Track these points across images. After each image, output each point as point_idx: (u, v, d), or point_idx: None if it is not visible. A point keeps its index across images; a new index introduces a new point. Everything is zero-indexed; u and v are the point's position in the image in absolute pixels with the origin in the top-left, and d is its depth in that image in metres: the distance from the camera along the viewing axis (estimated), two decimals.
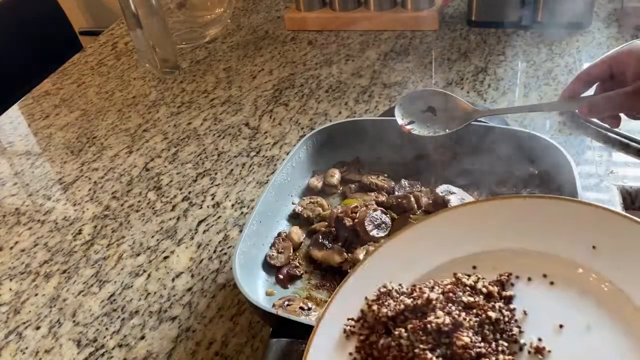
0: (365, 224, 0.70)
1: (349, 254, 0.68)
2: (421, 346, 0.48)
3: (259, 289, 0.67)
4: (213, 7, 1.38)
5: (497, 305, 0.50)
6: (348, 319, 0.54)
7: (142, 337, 0.68)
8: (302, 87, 1.13)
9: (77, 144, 1.07)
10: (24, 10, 1.60)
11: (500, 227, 0.54)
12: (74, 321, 0.72)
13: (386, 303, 0.54)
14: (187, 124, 1.07)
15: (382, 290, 0.55)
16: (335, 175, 0.81)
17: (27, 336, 0.71)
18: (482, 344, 0.48)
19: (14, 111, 1.21)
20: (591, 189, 0.78)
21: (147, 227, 0.84)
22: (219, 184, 0.91)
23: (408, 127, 0.78)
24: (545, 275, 0.51)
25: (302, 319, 0.61)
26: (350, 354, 0.52)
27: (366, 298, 0.55)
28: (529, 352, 0.47)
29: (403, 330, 0.51)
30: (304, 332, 0.52)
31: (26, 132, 1.14)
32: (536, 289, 0.51)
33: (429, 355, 0.48)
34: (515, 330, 0.48)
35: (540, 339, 0.47)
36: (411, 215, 0.71)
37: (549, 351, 0.47)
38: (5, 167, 1.04)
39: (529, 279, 0.52)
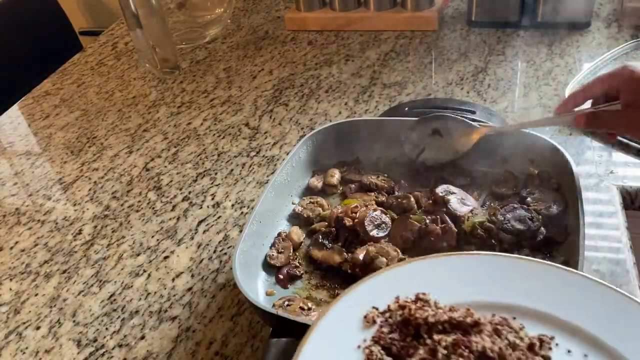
0: (365, 224, 0.70)
1: (349, 254, 0.68)
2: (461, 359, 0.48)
3: (259, 289, 0.67)
4: (213, 7, 1.38)
5: (538, 358, 0.50)
6: (373, 307, 0.55)
7: (142, 337, 0.68)
8: (302, 87, 1.13)
9: (77, 144, 1.07)
10: (24, 10, 1.60)
11: (552, 292, 0.55)
12: (74, 321, 0.72)
13: (424, 308, 0.54)
14: (187, 124, 1.07)
15: (421, 296, 0.55)
16: (335, 175, 0.81)
17: (27, 336, 0.71)
18: None
19: (14, 111, 1.21)
20: (591, 189, 0.78)
21: (147, 227, 0.84)
22: (219, 184, 0.91)
23: (421, 158, 0.79)
24: (586, 355, 0.51)
25: (302, 318, 0.61)
26: (365, 340, 0.53)
27: (397, 296, 0.56)
28: None
29: (444, 338, 0.50)
30: (304, 332, 0.52)
31: (26, 132, 1.14)
32: None
33: None
34: None
35: None
36: (411, 215, 0.71)
37: None
38: (5, 167, 1.04)
39: (569, 351, 0.52)
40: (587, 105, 0.69)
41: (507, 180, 0.76)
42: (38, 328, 0.71)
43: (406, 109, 0.90)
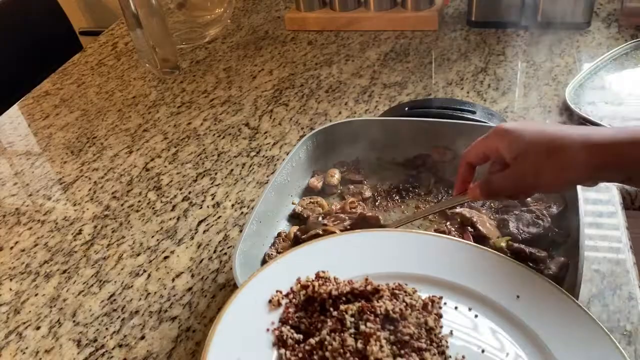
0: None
1: None
2: (369, 324, 0.52)
3: None
4: (213, 7, 1.38)
5: (432, 316, 0.55)
6: (277, 291, 0.58)
7: (142, 337, 0.68)
8: (302, 87, 1.13)
9: (77, 144, 1.07)
10: (24, 10, 1.60)
11: (441, 259, 0.62)
12: (74, 321, 0.72)
13: (326, 284, 0.58)
14: (187, 124, 1.07)
15: (321, 274, 0.59)
16: (335, 175, 0.81)
17: (27, 336, 0.71)
18: (422, 340, 0.53)
19: (14, 111, 1.22)
20: (591, 188, 0.78)
21: (147, 227, 0.84)
22: (219, 184, 0.91)
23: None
24: (470, 309, 0.58)
25: None
26: (273, 322, 0.56)
27: (298, 278, 0.59)
28: None
29: (350, 307, 0.55)
30: None
31: (26, 132, 1.14)
32: (462, 316, 0.57)
33: (378, 333, 0.52)
34: (444, 343, 0.54)
35: (464, 357, 0.53)
36: None
37: None
38: (5, 167, 1.04)
39: (456, 307, 0.58)
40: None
41: None
42: (38, 328, 0.71)
43: (406, 109, 0.90)
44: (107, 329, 0.70)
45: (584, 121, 0.90)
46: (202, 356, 0.51)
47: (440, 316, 0.57)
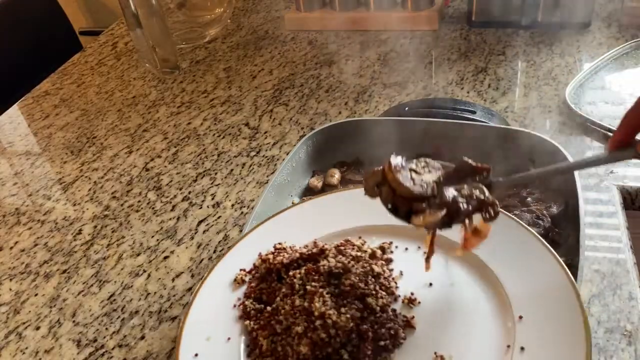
0: None
1: None
2: (313, 284, 0.57)
3: None
4: (213, 7, 1.37)
5: (379, 262, 0.61)
6: (240, 270, 0.64)
7: (142, 337, 0.68)
8: (302, 87, 1.13)
9: (77, 144, 1.07)
10: (24, 10, 1.60)
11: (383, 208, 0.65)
12: (73, 321, 0.71)
13: (282, 254, 0.64)
14: (187, 124, 1.07)
15: (277, 246, 0.65)
16: (335, 175, 0.81)
17: (27, 336, 0.71)
18: (366, 287, 0.58)
19: (14, 111, 1.21)
20: (591, 188, 0.78)
21: (147, 227, 0.84)
22: (219, 184, 0.91)
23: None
24: (419, 247, 0.64)
25: None
26: (239, 299, 0.61)
27: (260, 254, 0.65)
28: (403, 302, 0.59)
29: (298, 272, 0.60)
30: None
31: (26, 132, 1.14)
32: (412, 256, 0.64)
33: (320, 290, 0.56)
34: (393, 284, 0.60)
35: (412, 293, 0.59)
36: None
37: (419, 302, 0.59)
38: (5, 167, 1.04)
39: (406, 248, 0.65)
40: None
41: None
42: (38, 328, 0.71)
43: (406, 108, 0.90)
44: (107, 329, 0.70)
45: (584, 121, 0.90)
46: (176, 344, 0.57)
47: (390, 260, 0.63)
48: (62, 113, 1.17)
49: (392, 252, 0.65)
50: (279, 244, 0.66)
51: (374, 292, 0.57)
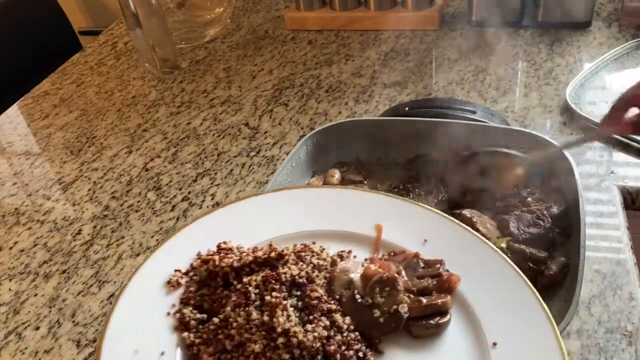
0: None
1: None
2: (274, 294, 0.50)
3: None
4: (213, 6, 1.37)
5: None
6: (175, 270, 0.55)
7: None
8: (302, 87, 1.13)
9: (76, 143, 1.07)
10: (24, 10, 1.60)
11: (340, 212, 0.61)
12: (73, 321, 0.71)
13: (229, 256, 0.55)
14: (187, 124, 1.07)
15: (223, 245, 0.56)
16: (335, 175, 0.81)
17: (26, 336, 0.70)
18: (332, 301, 0.52)
19: (14, 111, 1.21)
20: (592, 188, 0.78)
21: (146, 227, 0.84)
22: (219, 184, 0.90)
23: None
24: (382, 257, 0.58)
25: None
26: (174, 305, 0.53)
27: (199, 253, 0.56)
28: None
29: (253, 278, 0.52)
30: None
31: (25, 132, 1.13)
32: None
33: (284, 302, 0.49)
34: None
35: None
36: None
37: None
38: (4, 167, 1.04)
39: (366, 259, 0.57)
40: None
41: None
42: (37, 328, 0.71)
43: (406, 108, 0.89)
44: None
45: (585, 121, 0.90)
46: (96, 357, 0.48)
47: None
48: (61, 113, 1.17)
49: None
50: (224, 243, 0.57)
51: (338, 307, 0.51)
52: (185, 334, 0.51)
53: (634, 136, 0.85)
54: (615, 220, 0.73)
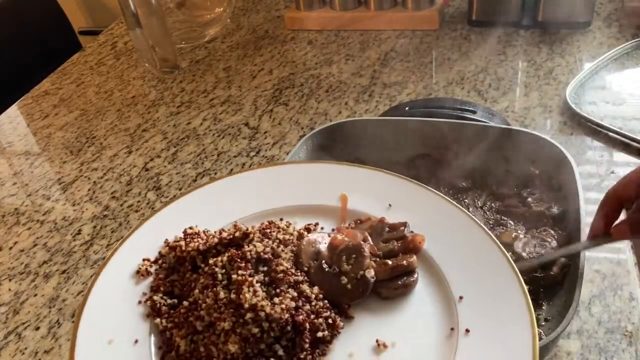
0: None
1: None
2: (240, 272, 0.51)
3: None
4: (213, 6, 1.37)
5: None
6: (143, 260, 0.56)
7: None
8: (302, 86, 1.12)
9: (76, 143, 1.06)
10: (24, 10, 1.59)
11: (305, 187, 0.62)
12: (73, 321, 0.71)
13: (195, 240, 0.56)
14: (187, 124, 1.07)
15: (188, 231, 0.58)
16: None
17: (26, 336, 0.70)
18: (299, 273, 0.53)
19: (13, 111, 1.21)
20: (592, 189, 0.78)
21: None
22: None
23: None
24: (349, 226, 0.59)
25: None
26: (145, 293, 0.54)
27: (166, 240, 0.58)
28: None
29: (219, 259, 0.53)
30: None
31: (25, 132, 1.13)
32: None
33: (249, 278, 0.50)
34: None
35: None
36: None
37: None
38: (4, 167, 1.04)
39: (333, 229, 0.59)
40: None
41: (507, 180, 0.76)
42: (37, 328, 0.71)
43: (407, 108, 0.89)
44: None
45: (585, 121, 0.90)
46: (69, 351, 0.48)
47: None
48: (61, 113, 1.17)
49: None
50: (190, 228, 0.58)
51: (305, 279, 0.53)
52: (158, 320, 0.52)
53: (633, 141, 0.85)
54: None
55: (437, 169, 0.79)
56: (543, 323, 0.59)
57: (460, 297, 0.51)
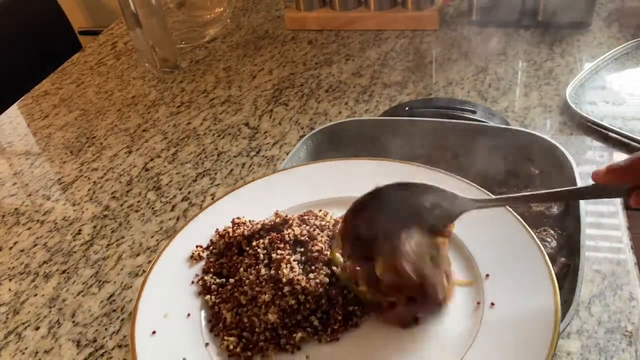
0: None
1: None
2: (279, 252, 0.57)
3: None
4: (213, 6, 1.37)
5: None
6: (197, 246, 0.63)
7: None
8: (302, 86, 1.12)
9: (76, 143, 1.07)
10: (24, 10, 1.60)
11: (344, 180, 0.67)
12: (73, 321, 0.71)
13: (241, 228, 0.62)
14: (187, 124, 1.07)
15: (236, 221, 0.64)
16: None
17: (26, 336, 0.70)
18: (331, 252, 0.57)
19: (13, 111, 1.21)
20: None
21: (146, 227, 0.84)
22: (219, 184, 0.90)
23: None
24: None
25: None
26: (197, 275, 0.60)
27: (217, 230, 0.64)
28: None
29: (261, 242, 0.59)
30: None
31: (25, 132, 1.13)
32: None
33: (287, 257, 0.56)
34: None
35: None
36: None
37: None
38: (4, 167, 1.04)
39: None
40: None
41: (507, 181, 0.76)
42: (37, 328, 0.71)
43: (407, 108, 0.89)
44: (106, 329, 0.70)
45: (585, 121, 0.90)
46: (131, 323, 0.54)
47: None
48: (61, 113, 1.17)
49: None
50: (237, 218, 0.65)
51: None
52: (208, 296, 0.58)
53: (633, 141, 0.85)
54: (615, 220, 0.73)
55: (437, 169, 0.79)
56: None
57: (487, 275, 0.55)
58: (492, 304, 0.53)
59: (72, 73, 1.32)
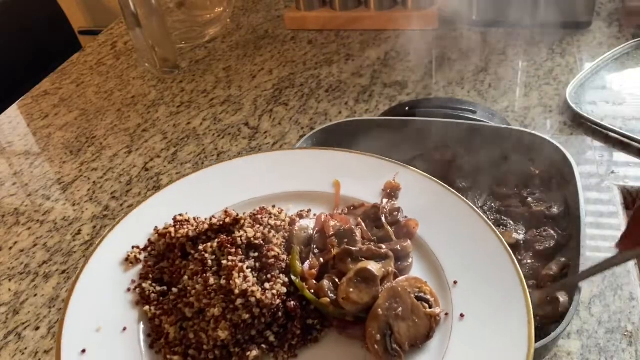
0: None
1: None
2: (230, 258, 0.49)
3: None
4: (213, 6, 1.37)
5: None
6: (133, 247, 0.55)
7: None
8: (302, 86, 1.12)
9: (76, 143, 1.06)
10: (24, 10, 1.59)
11: (298, 173, 0.62)
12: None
13: (185, 227, 0.55)
14: (187, 124, 1.07)
15: (178, 218, 0.56)
16: None
17: (26, 337, 0.70)
18: (289, 258, 0.52)
19: (13, 111, 1.21)
20: (592, 188, 0.78)
21: None
22: None
23: None
24: (341, 212, 0.58)
25: None
26: (133, 281, 0.53)
27: (156, 228, 0.56)
28: None
29: (209, 245, 0.52)
30: None
31: (25, 132, 1.13)
32: None
33: (240, 264, 0.49)
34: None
35: None
36: None
37: None
38: (4, 167, 1.04)
39: (314, 214, 0.58)
40: None
41: (507, 180, 0.76)
42: (37, 328, 0.71)
43: (407, 108, 0.89)
44: None
45: (585, 121, 0.90)
46: (56, 338, 0.47)
47: None
48: (61, 113, 1.17)
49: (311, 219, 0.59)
50: (180, 215, 0.57)
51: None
52: (146, 307, 0.51)
53: (633, 141, 0.84)
54: (615, 220, 0.73)
55: (437, 169, 0.79)
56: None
57: (455, 282, 0.51)
58: (462, 315, 0.48)
59: (72, 73, 1.31)
